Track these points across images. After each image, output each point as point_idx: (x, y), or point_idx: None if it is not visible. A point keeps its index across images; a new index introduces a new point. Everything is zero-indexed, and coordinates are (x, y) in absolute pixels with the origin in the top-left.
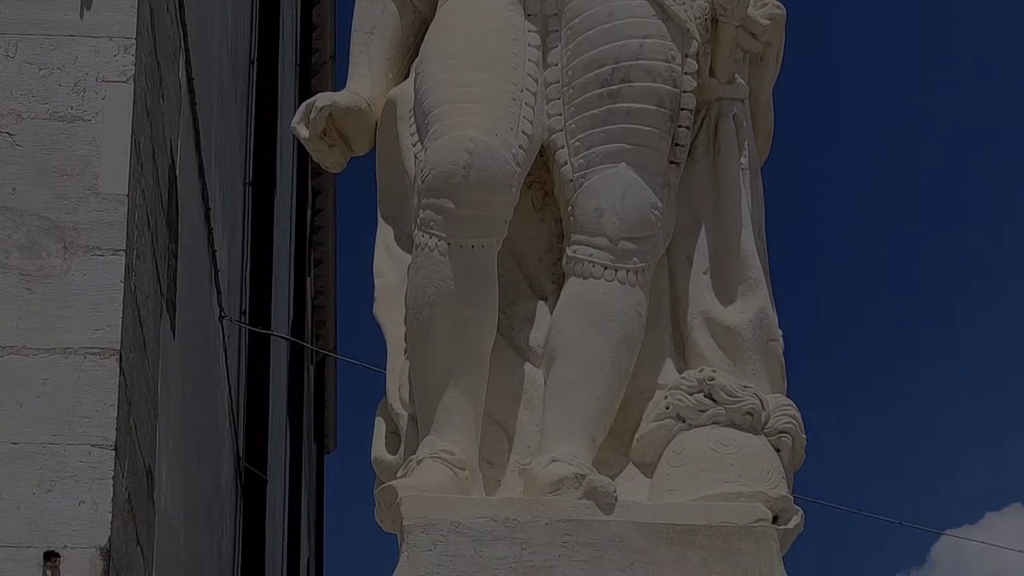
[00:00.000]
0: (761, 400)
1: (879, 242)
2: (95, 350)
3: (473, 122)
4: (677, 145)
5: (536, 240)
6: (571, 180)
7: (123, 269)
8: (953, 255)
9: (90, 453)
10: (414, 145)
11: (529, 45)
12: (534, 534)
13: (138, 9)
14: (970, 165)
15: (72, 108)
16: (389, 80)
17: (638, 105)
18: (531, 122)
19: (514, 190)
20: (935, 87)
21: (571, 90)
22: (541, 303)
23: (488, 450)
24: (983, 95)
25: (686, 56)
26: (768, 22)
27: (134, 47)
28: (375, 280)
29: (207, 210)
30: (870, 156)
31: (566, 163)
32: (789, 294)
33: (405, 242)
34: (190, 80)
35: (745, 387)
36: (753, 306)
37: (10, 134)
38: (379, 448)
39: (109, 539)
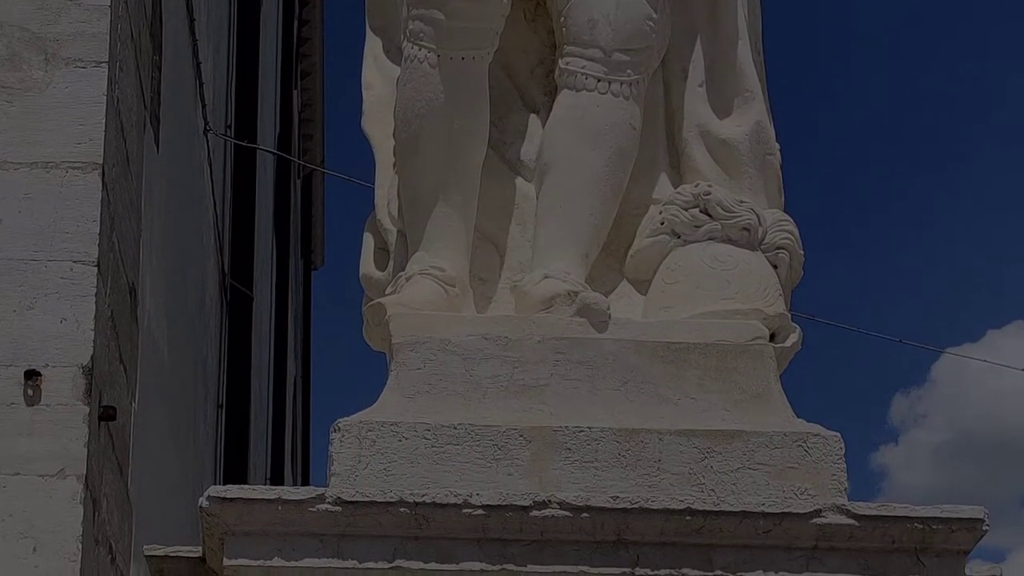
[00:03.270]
0: (758, 215)
1: (883, 51)
2: (77, 164)
3: None
4: None
5: (528, 52)
6: None
7: (106, 82)
8: (962, 71)
9: (72, 269)
10: None
11: None
12: (526, 352)
13: None
14: None
15: None
16: None
17: None
18: None
19: (505, 0)
20: None
21: None
22: (533, 116)
23: (479, 266)
24: None
25: None
26: None
27: None
28: (363, 93)
29: (191, 21)
30: None
31: None
32: (786, 107)
33: (394, 54)
34: None
35: (741, 202)
36: (750, 119)
37: None
38: (367, 264)
39: (91, 357)
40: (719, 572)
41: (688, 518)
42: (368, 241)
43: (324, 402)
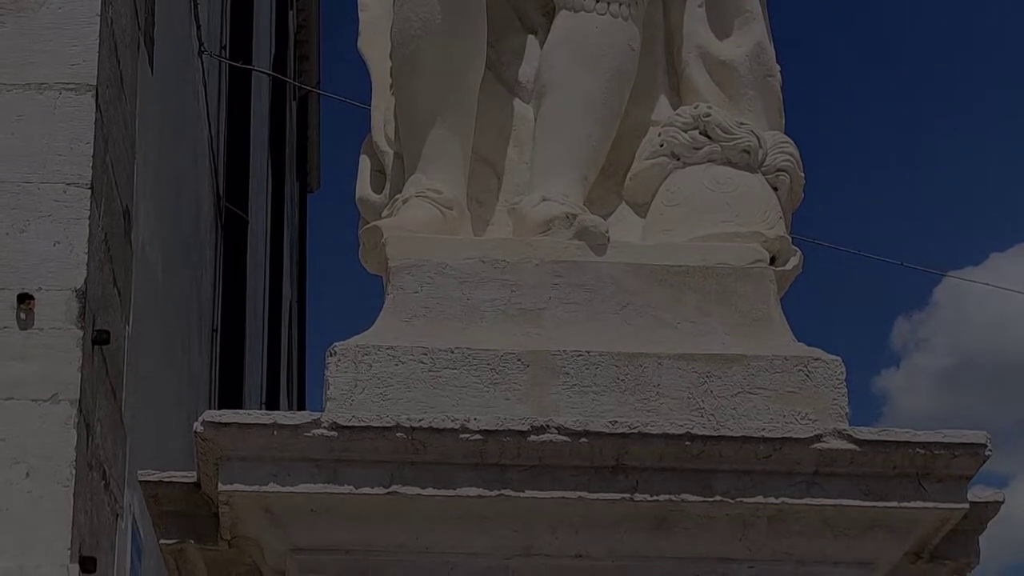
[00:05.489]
0: (758, 137)
1: None
2: (71, 86)
3: None
4: None
5: None
6: None
7: (99, 2)
8: None
9: (65, 192)
10: None
11: None
12: (523, 276)
13: None
14: None
15: None
16: None
17: None
18: None
19: None
20: None
21: None
22: (531, 37)
23: (476, 189)
24: None
25: None
26: None
27: None
28: (360, 13)
29: None
30: None
31: None
32: (786, 27)
33: None
34: None
35: (741, 124)
36: (750, 40)
37: None
38: (364, 187)
39: (85, 280)
40: (719, 498)
41: (687, 443)
42: (364, 163)
43: (320, 326)
